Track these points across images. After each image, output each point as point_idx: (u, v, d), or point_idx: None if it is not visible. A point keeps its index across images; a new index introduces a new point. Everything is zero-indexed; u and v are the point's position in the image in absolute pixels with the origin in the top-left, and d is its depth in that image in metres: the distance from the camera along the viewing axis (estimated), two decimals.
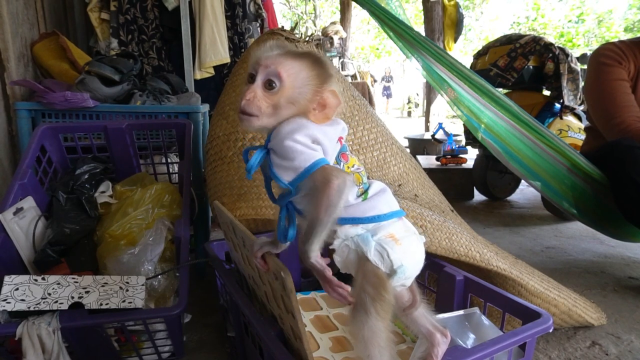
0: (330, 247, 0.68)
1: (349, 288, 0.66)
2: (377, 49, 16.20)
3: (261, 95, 0.63)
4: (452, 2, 5.20)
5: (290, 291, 0.63)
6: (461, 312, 0.93)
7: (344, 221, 0.66)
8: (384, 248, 0.64)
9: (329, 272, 0.65)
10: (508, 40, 2.61)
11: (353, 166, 0.69)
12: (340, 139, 0.68)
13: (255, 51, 0.67)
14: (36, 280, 0.98)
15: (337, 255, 0.67)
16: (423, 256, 0.70)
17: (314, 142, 0.64)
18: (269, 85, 0.63)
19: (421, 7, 5.76)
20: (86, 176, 1.36)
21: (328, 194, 0.60)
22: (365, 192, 0.69)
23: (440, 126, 3.59)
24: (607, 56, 1.65)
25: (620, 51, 1.64)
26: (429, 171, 2.83)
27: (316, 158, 0.62)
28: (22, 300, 0.93)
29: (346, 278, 0.69)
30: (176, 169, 1.64)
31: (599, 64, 1.67)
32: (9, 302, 0.92)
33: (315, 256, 0.64)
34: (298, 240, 0.65)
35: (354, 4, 5.76)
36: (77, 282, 1.00)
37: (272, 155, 0.65)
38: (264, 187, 0.72)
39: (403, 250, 0.65)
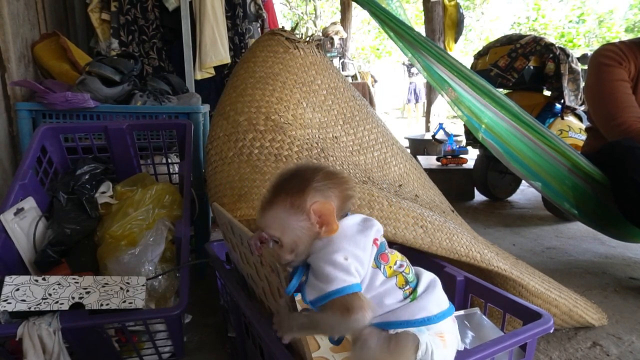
0: None
1: None
2: (378, 49, 16.19)
3: (279, 252, 0.66)
4: (452, 3, 5.20)
5: (286, 281, 0.63)
6: (462, 312, 0.93)
7: (390, 325, 0.64)
8: (431, 347, 0.63)
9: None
10: (508, 41, 2.61)
11: (395, 263, 0.67)
12: (375, 240, 0.66)
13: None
14: (37, 280, 0.98)
15: None
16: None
17: (347, 258, 0.62)
18: (276, 243, 0.66)
19: (422, 8, 5.76)
20: (87, 176, 1.36)
21: (345, 320, 0.59)
22: (414, 290, 0.67)
23: (440, 126, 3.59)
24: (607, 57, 1.65)
25: (620, 52, 1.64)
26: (430, 171, 2.83)
27: (345, 284, 0.60)
28: (23, 300, 0.93)
29: None
30: (177, 169, 1.64)
31: (599, 64, 1.67)
32: (9, 303, 0.92)
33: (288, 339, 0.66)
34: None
35: (354, 4, 5.76)
36: (77, 283, 1.00)
37: (310, 271, 0.65)
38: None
39: (445, 354, 0.64)
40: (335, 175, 0.66)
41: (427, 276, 0.70)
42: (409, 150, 3.49)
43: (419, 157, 3.47)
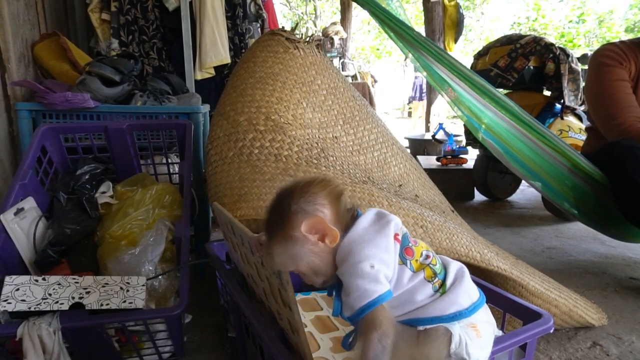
0: None
1: None
2: (378, 49, 16.18)
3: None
4: (452, 3, 5.20)
5: (287, 283, 0.63)
6: None
7: (420, 322, 0.62)
8: (465, 339, 0.61)
9: None
10: (508, 41, 2.61)
11: (421, 255, 0.66)
12: (396, 236, 0.64)
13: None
14: (37, 280, 0.98)
15: None
16: (491, 348, 0.67)
17: (373, 265, 0.60)
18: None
19: (422, 8, 5.76)
20: (87, 176, 1.36)
21: (371, 348, 0.57)
22: (443, 283, 0.65)
23: (440, 126, 3.59)
24: (607, 56, 1.65)
25: (621, 51, 1.64)
26: (430, 171, 2.83)
27: (376, 295, 0.58)
28: (23, 300, 0.93)
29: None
30: (177, 169, 1.64)
31: (599, 64, 1.67)
32: (9, 303, 0.92)
33: None
34: None
35: (354, 4, 5.75)
36: (77, 283, 1.00)
37: (342, 287, 0.63)
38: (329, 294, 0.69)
39: (480, 344, 0.63)
40: (312, 184, 0.63)
41: (455, 266, 0.67)
42: (408, 150, 3.50)
43: (419, 157, 3.47)
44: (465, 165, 3.08)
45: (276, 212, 0.63)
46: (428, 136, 4.36)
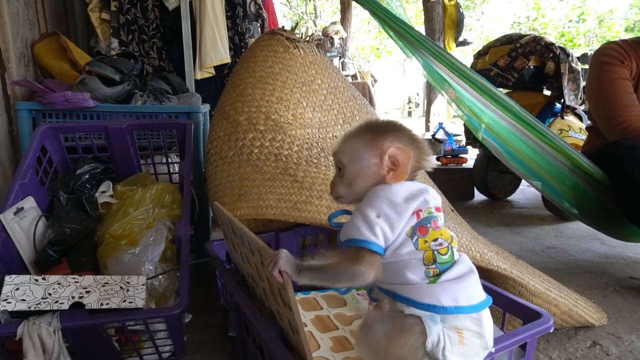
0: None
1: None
2: (378, 49, 16.17)
3: (338, 180, 0.71)
4: (452, 2, 5.20)
5: (286, 283, 0.63)
6: None
7: (398, 298, 0.64)
8: (444, 341, 0.60)
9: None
10: (508, 40, 2.61)
11: (435, 240, 0.65)
12: (418, 212, 0.65)
13: None
14: (37, 280, 0.98)
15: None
16: None
17: (379, 215, 0.64)
18: (339, 170, 0.71)
19: (422, 7, 5.76)
20: (87, 176, 1.36)
21: (350, 268, 0.62)
22: (439, 275, 0.63)
23: (440, 126, 3.59)
24: (609, 55, 1.65)
25: (622, 50, 1.64)
26: (430, 171, 2.82)
27: (363, 237, 0.63)
28: (23, 300, 0.93)
29: None
30: (177, 169, 1.64)
31: (601, 62, 1.67)
32: (9, 302, 0.92)
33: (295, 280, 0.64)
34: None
35: (354, 4, 5.76)
36: (77, 282, 1.00)
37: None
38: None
39: (461, 352, 0.61)
40: (419, 142, 0.69)
41: (463, 267, 0.66)
42: None
43: None
44: (465, 165, 3.08)
45: (386, 124, 0.71)
46: (428, 136, 4.36)
